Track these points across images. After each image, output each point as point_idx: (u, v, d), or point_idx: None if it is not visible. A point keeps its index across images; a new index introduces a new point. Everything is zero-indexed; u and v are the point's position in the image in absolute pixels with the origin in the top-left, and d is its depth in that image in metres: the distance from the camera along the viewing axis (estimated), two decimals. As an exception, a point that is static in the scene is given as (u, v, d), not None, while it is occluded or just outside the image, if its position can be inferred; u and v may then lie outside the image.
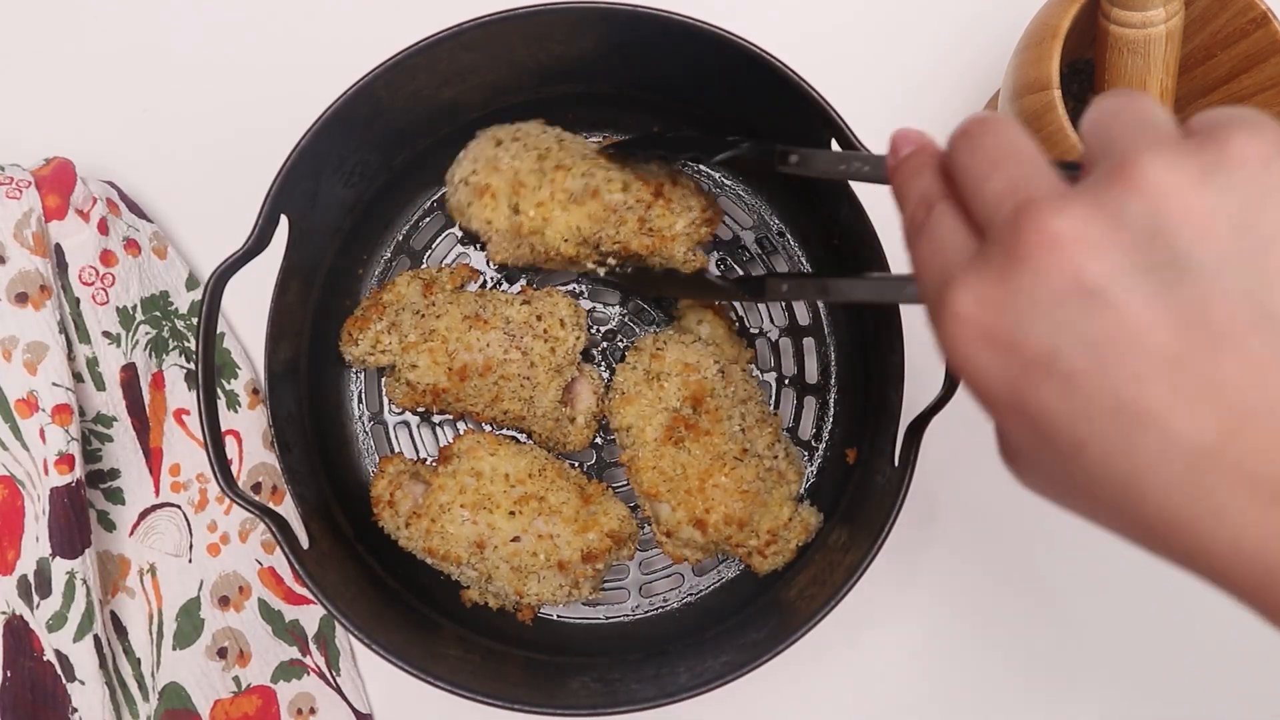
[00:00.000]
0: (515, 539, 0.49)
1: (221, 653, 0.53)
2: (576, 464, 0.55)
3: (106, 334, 0.53)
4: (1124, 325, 0.22)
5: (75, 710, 0.50)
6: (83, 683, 0.50)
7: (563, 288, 0.55)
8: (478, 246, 0.55)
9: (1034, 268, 0.23)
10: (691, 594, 0.54)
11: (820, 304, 0.56)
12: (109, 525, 0.53)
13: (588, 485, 0.52)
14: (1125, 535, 0.24)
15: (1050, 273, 0.23)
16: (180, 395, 0.55)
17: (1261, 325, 0.22)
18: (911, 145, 0.31)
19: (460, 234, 0.55)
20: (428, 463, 0.53)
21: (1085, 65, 0.53)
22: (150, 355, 0.54)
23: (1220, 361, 0.22)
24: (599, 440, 0.55)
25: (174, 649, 0.53)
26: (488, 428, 0.54)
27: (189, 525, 0.54)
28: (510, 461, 0.50)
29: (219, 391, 0.55)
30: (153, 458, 0.54)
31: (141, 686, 0.53)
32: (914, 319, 0.39)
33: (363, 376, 0.55)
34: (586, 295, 0.55)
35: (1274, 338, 0.22)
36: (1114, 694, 0.57)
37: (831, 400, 0.55)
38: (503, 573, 0.49)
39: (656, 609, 0.54)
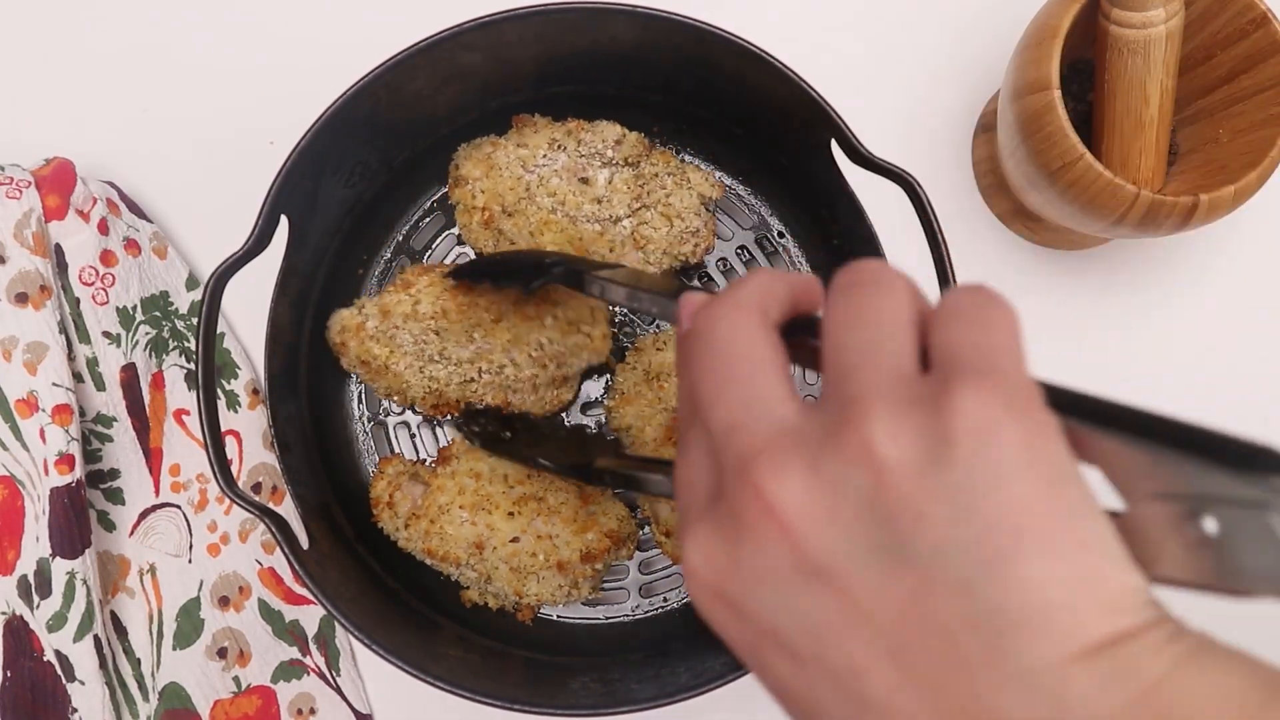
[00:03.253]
0: (514, 539, 0.49)
1: (221, 653, 0.53)
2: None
3: (106, 334, 0.53)
4: (845, 609, 0.22)
5: (75, 710, 0.50)
6: (83, 683, 0.50)
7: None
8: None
9: (756, 541, 0.22)
10: (691, 594, 0.54)
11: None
12: (109, 525, 0.53)
13: (586, 485, 0.52)
14: None
15: (770, 549, 0.22)
16: (180, 395, 0.55)
17: (976, 621, 0.20)
18: (687, 321, 0.28)
19: (459, 234, 0.55)
20: (427, 464, 0.53)
21: (1085, 65, 0.53)
22: (150, 355, 0.54)
23: (938, 660, 0.21)
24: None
25: (174, 649, 0.53)
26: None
27: (189, 525, 0.54)
28: (509, 463, 0.50)
29: (219, 391, 0.55)
30: (153, 458, 0.54)
31: (141, 687, 0.53)
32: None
33: (363, 376, 0.55)
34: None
35: (987, 636, 0.20)
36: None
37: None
38: (502, 573, 0.49)
39: (656, 609, 0.54)
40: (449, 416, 0.53)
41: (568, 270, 0.42)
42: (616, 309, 0.55)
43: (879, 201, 0.48)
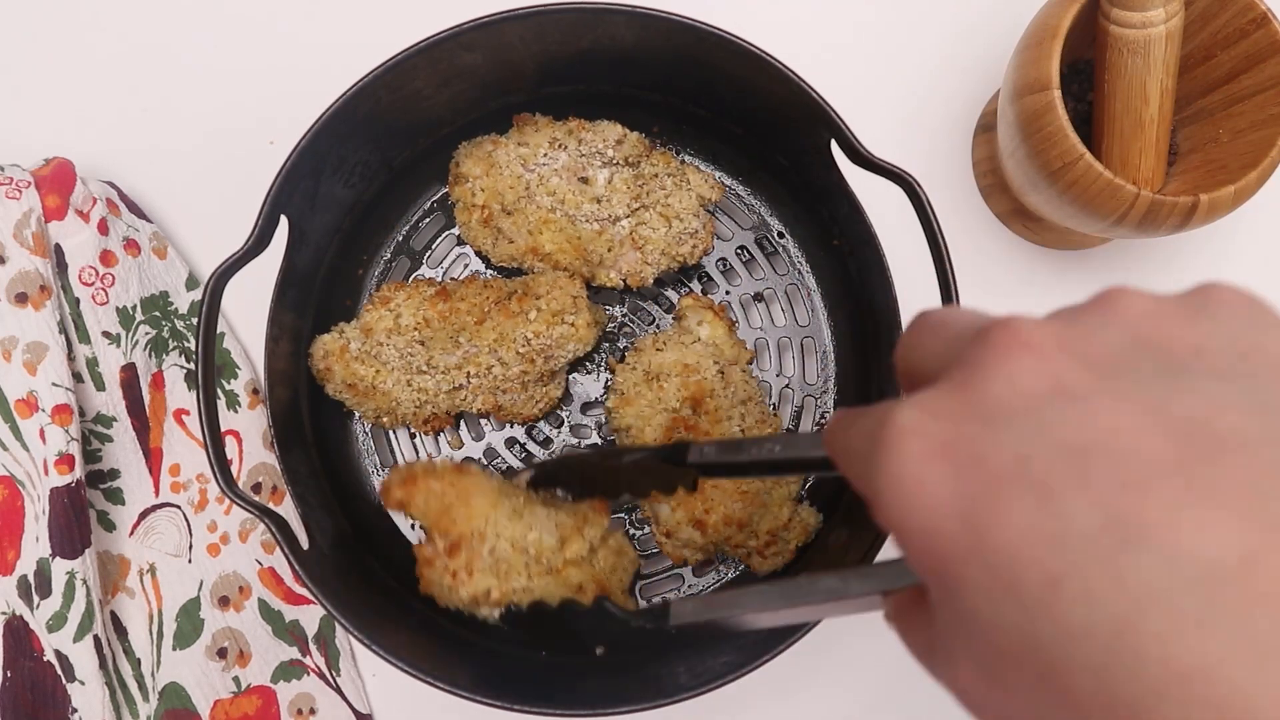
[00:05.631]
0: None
1: (221, 653, 0.53)
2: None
3: (106, 334, 0.53)
4: (1113, 428, 0.18)
5: (75, 710, 0.50)
6: (83, 683, 0.50)
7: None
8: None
9: (1005, 372, 0.20)
10: (692, 594, 0.54)
11: (820, 304, 0.55)
12: (109, 525, 0.53)
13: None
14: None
15: (1024, 375, 0.20)
16: (180, 395, 0.55)
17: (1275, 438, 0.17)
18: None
19: (459, 233, 0.55)
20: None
21: (1085, 65, 0.53)
22: (150, 355, 0.54)
23: (1235, 469, 0.17)
24: (599, 440, 0.55)
25: (174, 649, 0.53)
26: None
27: (189, 525, 0.54)
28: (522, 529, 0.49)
29: (219, 391, 0.55)
30: (152, 458, 0.54)
31: (141, 686, 0.53)
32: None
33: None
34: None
35: None
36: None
37: (831, 401, 0.55)
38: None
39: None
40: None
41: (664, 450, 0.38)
42: (612, 311, 0.56)
43: (879, 201, 0.48)
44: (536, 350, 0.50)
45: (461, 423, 0.55)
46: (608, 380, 0.54)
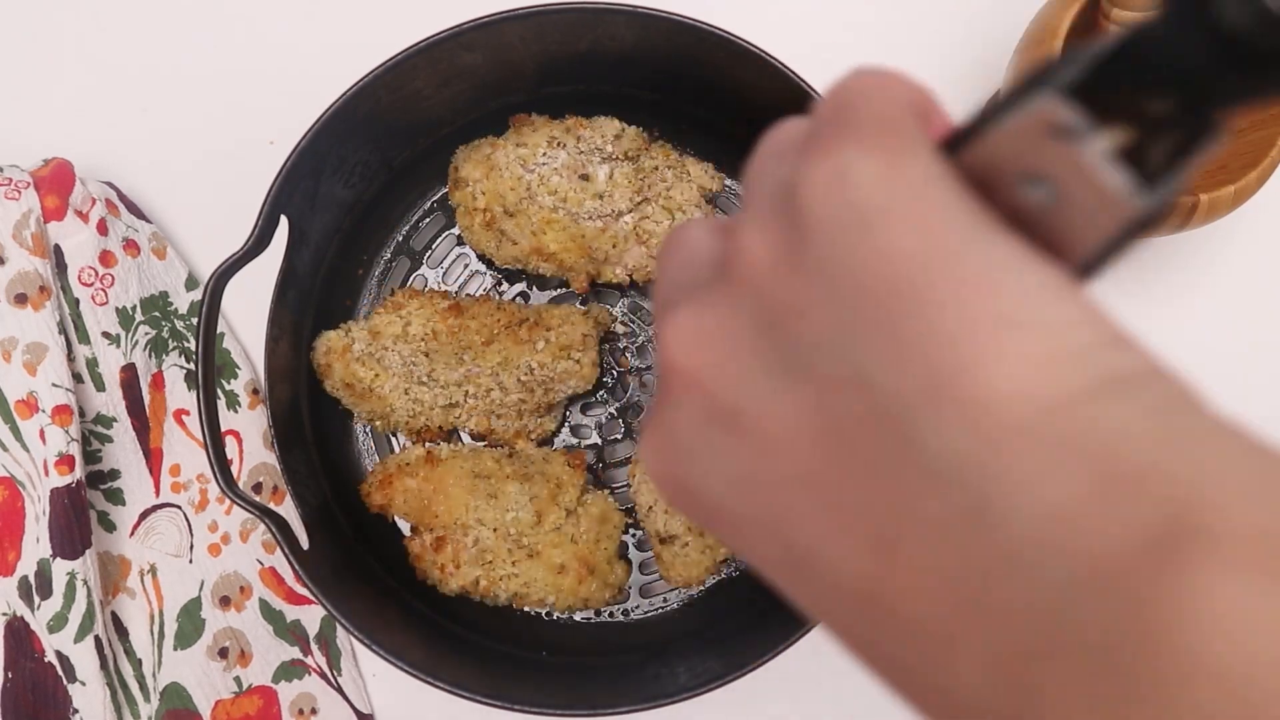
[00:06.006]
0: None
1: (222, 653, 0.54)
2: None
3: (106, 334, 0.53)
4: (760, 452, 0.18)
5: (76, 711, 0.50)
6: (84, 683, 0.50)
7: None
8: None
9: (674, 406, 0.20)
10: (691, 594, 0.54)
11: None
12: (109, 526, 0.53)
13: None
14: None
15: (685, 407, 0.19)
16: (180, 395, 0.55)
17: (879, 418, 0.16)
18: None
19: (459, 234, 0.55)
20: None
21: (1085, 65, 0.53)
22: (150, 355, 0.54)
23: (849, 472, 0.17)
24: (598, 440, 0.55)
25: (175, 649, 0.53)
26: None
27: (189, 525, 0.54)
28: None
29: (219, 391, 0.55)
30: (153, 458, 0.54)
31: (142, 687, 0.53)
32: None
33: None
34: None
35: (892, 431, 0.16)
36: None
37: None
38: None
39: (656, 609, 0.54)
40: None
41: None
42: (616, 325, 0.55)
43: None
44: (538, 381, 0.50)
45: (452, 438, 0.55)
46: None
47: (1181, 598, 0.13)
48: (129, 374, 0.53)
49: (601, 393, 0.55)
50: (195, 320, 0.55)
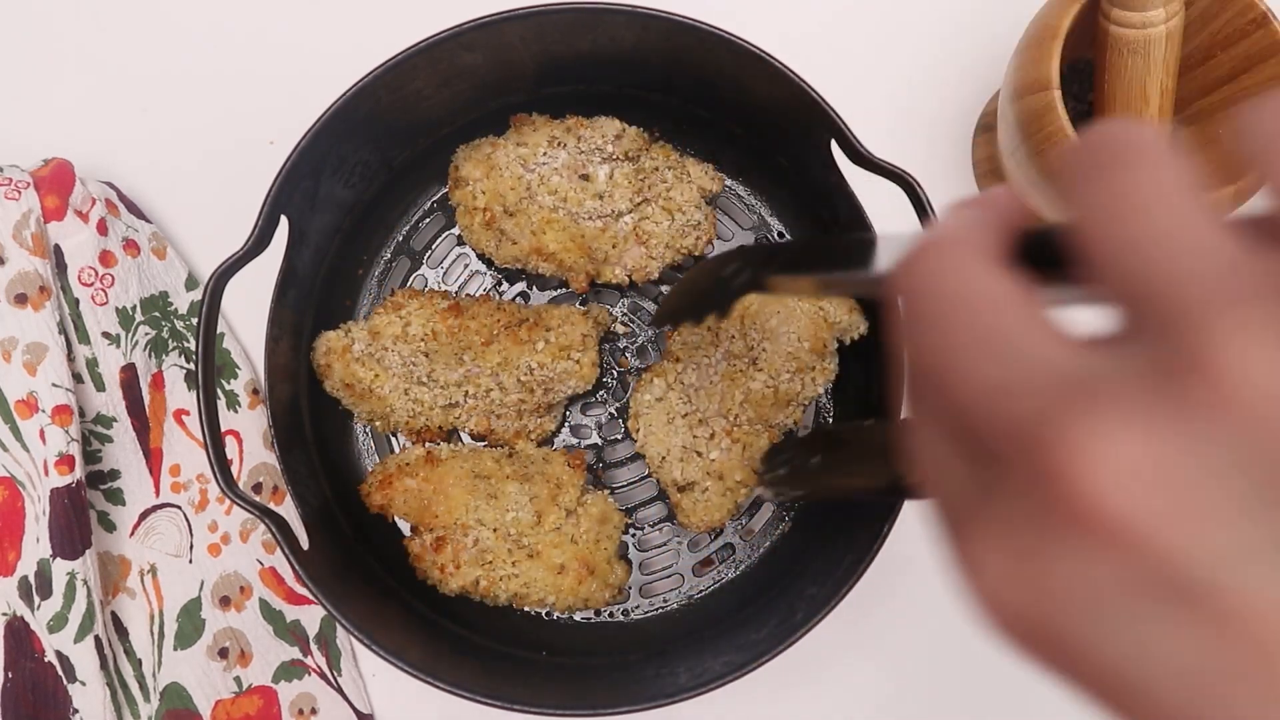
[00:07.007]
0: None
1: (223, 653, 0.54)
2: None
3: (106, 334, 0.53)
4: (1241, 647, 0.14)
5: (76, 711, 0.50)
6: (84, 683, 0.50)
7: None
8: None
9: (1075, 551, 0.15)
10: (691, 594, 0.54)
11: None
12: (109, 526, 0.53)
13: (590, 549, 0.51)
14: None
15: (1100, 560, 0.15)
16: (180, 395, 0.55)
17: None
18: (899, 286, 0.20)
19: (459, 234, 0.55)
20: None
21: (1085, 65, 0.53)
22: (150, 355, 0.54)
23: None
24: (599, 440, 0.55)
25: (175, 649, 0.53)
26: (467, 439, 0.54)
27: (189, 525, 0.54)
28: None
29: (219, 391, 0.55)
30: (153, 458, 0.54)
31: (142, 687, 0.53)
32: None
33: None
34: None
35: None
36: None
37: (830, 402, 0.55)
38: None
39: (656, 609, 0.54)
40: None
41: (752, 279, 0.33)
42: (616, 325, 0.56)
43: (879, 201, 0.48)
44: (537, 381, 0.50)
45: (452, 438, 0.55)
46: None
47: None
48: (129, 374, 0.53)
49: (601, 393, 0.55)
50: (195, 320, 0.55)
